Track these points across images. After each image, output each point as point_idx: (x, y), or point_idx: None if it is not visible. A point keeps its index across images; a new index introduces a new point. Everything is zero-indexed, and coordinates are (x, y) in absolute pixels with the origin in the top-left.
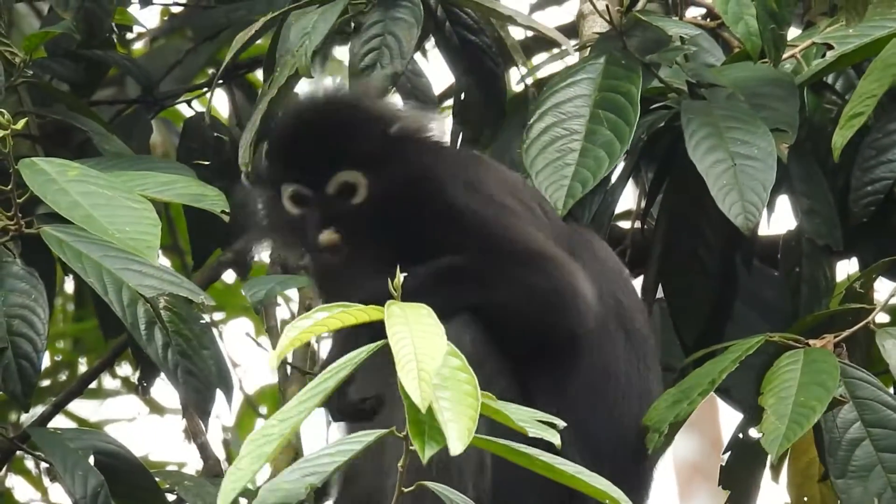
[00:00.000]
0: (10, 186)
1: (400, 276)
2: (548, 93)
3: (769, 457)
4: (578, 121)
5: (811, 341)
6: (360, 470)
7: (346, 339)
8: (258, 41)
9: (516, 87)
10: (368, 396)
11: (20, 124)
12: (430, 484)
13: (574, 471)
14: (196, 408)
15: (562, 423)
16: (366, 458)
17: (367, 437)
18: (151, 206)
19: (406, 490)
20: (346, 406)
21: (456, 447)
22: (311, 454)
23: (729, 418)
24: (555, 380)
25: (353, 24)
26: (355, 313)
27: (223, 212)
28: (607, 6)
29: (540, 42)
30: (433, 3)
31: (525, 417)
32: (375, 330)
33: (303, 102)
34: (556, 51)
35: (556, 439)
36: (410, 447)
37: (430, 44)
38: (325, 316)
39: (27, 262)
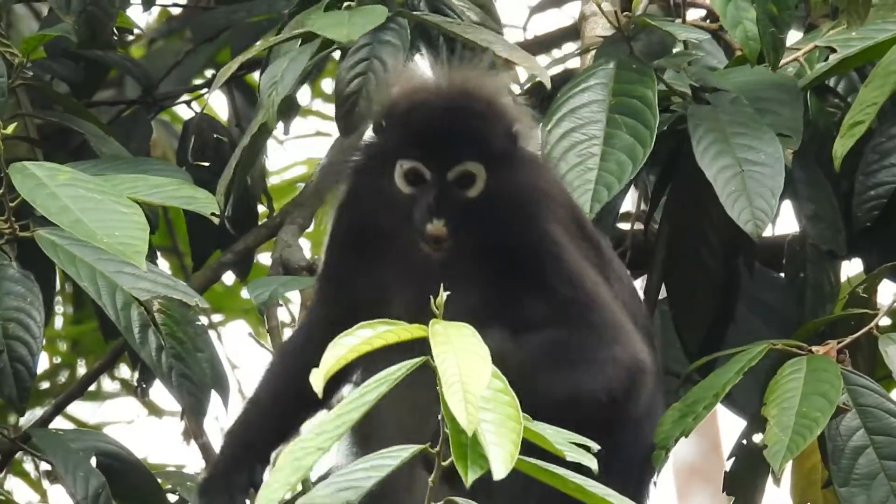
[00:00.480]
0: (2, 191)
1: (443, 294)
2: (561, 98)
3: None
4: (596, 126)
5: (814, 348)
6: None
7: None
8: (258, 42)
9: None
10: None
11: (10, 128)
12: (459, 500)
13: (603, 493)
14: (191, 410)
15: (596, 447)
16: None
17: (403, 452)
18: (141, 211)
19: None
20: None
21: (499, 471)
22: (345, 468)
23: (728, 420)
24: (607, 426)
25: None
26: (399, 331)
27: (213, 214)
28: (616, 12)
29: (540, 44)
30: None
31: (561, 441)
32: None
33: (445, 84)
34: (556, 53)
35: (593, 464)
36: (443, 463)
37: None
38: (370, 334)
39: (26, 265)
